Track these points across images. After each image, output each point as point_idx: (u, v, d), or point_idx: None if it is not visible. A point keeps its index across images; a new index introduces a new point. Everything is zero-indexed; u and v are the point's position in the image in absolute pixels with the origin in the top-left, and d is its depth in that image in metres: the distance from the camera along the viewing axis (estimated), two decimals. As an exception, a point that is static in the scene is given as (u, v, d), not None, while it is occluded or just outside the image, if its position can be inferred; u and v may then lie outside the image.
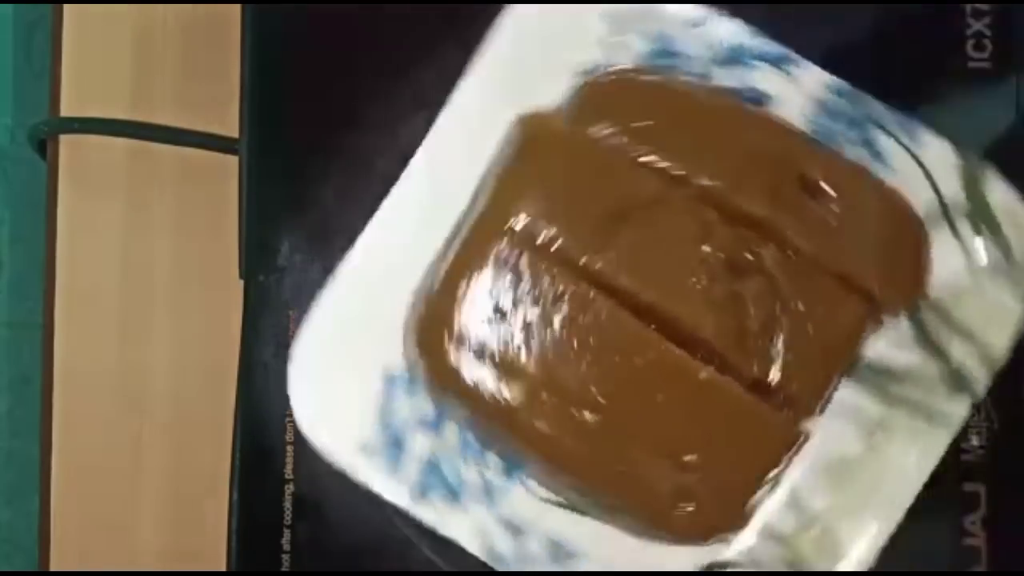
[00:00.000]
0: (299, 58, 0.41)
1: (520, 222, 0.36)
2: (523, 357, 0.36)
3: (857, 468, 0.36)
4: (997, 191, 0.36)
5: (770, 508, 0.36)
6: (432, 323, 0.36)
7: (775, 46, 0.37)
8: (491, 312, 0.36)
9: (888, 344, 0.37)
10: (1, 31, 0.49)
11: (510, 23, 0.37)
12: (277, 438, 0.40)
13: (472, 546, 0.35)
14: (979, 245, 0.36)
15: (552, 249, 0.36)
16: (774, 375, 0.36)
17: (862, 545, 0.35)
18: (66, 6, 0.44)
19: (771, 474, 0.36)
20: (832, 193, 0.36)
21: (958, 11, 0.40)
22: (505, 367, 0.36)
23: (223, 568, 0.41)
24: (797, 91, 0.37)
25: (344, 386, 0.36)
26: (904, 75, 0.38)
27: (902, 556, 0.37)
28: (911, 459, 0.36)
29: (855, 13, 0.38)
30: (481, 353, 0.36)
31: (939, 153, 0.36)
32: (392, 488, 0.35)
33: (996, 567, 0.38)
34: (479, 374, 0.36)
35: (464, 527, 0.36)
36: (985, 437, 0.39)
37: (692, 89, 0.37)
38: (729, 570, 0.36)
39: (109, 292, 0.44)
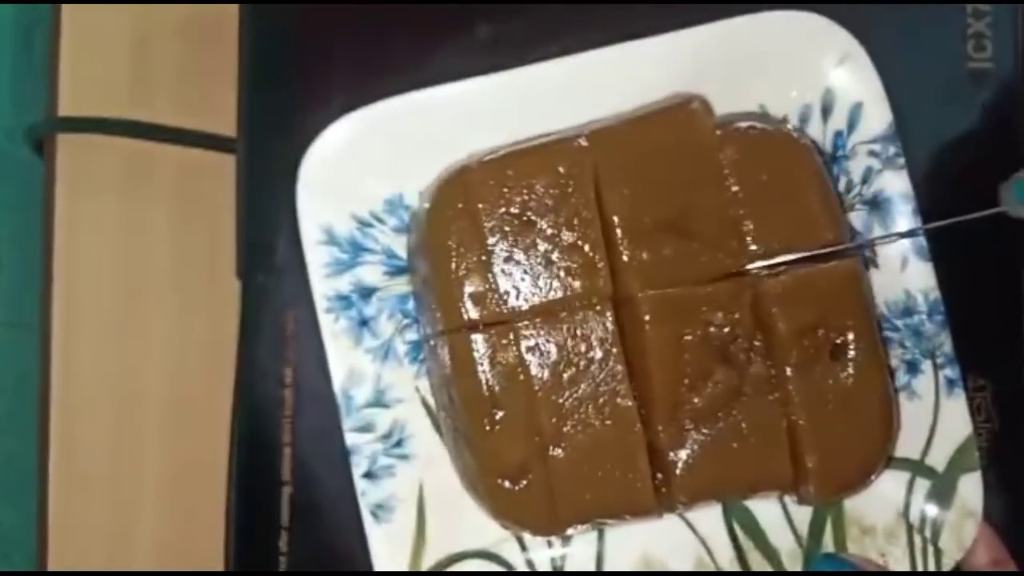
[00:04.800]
0: (296, 58, 0.40)
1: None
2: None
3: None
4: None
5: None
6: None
7: None
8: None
9: (771, 506, 0.38)
10: (0, 31, 0.49)
11: None
12: (275, 440, 0.40)
13: None
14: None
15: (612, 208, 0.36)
16: (675, 456, 0.36)
17: None
18: (64, 6, 0.44)
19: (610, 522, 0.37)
20: (847, 369, 0.36)
21: (958, 11, 0.39)
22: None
23: (221, 568, 0.41)
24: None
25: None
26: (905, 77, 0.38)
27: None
28: None
29: (854, 14, 0.38)
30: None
31: None
32: None
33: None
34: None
35: None
36: (985, 438, 0.39)
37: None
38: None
39: (106, 292, 0.44)
